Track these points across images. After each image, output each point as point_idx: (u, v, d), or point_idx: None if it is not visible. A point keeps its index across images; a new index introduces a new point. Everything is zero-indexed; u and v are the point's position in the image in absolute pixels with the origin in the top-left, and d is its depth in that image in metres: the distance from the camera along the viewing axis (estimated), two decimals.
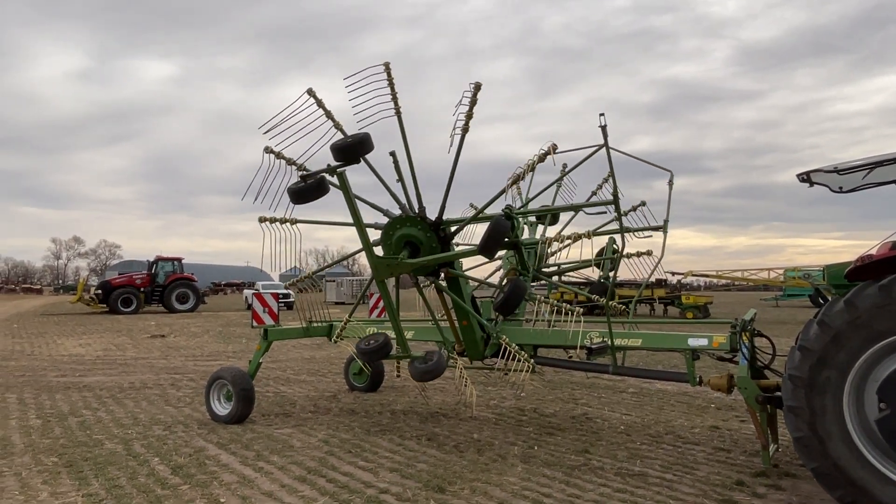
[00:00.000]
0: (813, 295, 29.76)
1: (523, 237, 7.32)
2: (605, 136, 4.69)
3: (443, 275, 5.92)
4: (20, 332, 17.98)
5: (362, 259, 6.09)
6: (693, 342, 5.31)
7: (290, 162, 5.93)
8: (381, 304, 13.30)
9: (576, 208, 6.60)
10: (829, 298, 4.07)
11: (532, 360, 5.69)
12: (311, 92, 5.90)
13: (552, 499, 4.18)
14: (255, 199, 5.64)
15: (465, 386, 5.98)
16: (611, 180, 5.25)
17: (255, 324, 7.57)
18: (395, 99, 5.75)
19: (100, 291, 30.00)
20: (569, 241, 6.11)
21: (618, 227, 5.99)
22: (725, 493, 4.29)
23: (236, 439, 5.73)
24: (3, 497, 4.19)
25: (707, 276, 31.45)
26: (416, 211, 5.82)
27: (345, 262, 7.09)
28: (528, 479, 4.61)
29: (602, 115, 4.57)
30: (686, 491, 4.34)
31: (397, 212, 5.97)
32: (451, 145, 5.45)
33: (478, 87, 5.35)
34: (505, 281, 6.60)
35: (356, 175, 5.57)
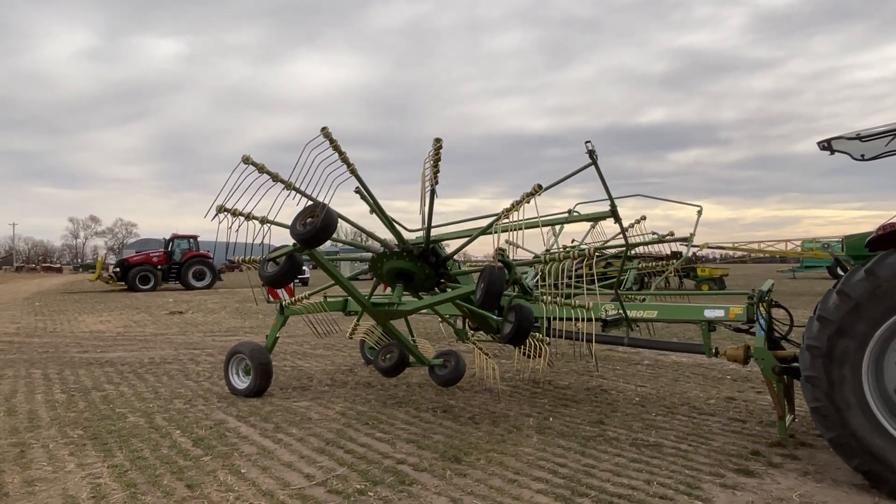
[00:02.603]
0: (831, 266, 29.41)
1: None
2: (594, 160, 4.49)
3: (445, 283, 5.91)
4: (42, 310, 18.33)
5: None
6: (709, 313, 5.28)
7: (248, 217, 5.63)
8: None
9: (576, 220, 6.61)
10: (848, 269, 4.02)
11: (548, 340, 5.70)
12: (246, 159, 5.41)
13: (567, 469, 4.22)
14: (226, 254, 5.51)
15: (487, 362, 6.04)
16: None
17: (271, 299, 7.66)
18: (344, 160, 5.28)
19: (118, 269, 30.42)
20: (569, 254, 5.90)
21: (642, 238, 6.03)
22: (741, 462, 4.30)
23: (255, 412, 5.83)
24: (32, 467, 4.31)
25: (723, 248, 31.13)
26: (399, 247, 5.63)
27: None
28: (544, 449, 4.66)
29: (588, 142, 4.43)
30: (701, 461, 4.36)
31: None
32: (423, 194, 5.12)
33: (439, 143, 5.02)
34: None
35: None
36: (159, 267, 30.50)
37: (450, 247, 6.03)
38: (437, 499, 3.73)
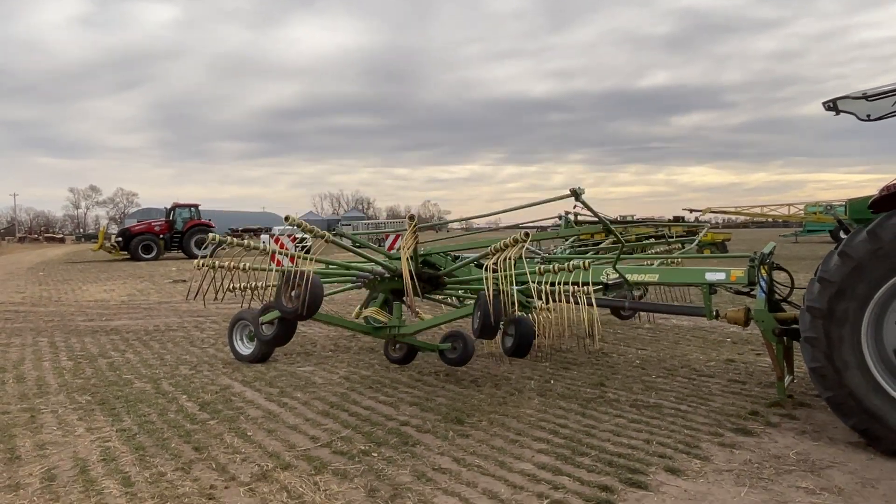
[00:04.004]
0: (834, 230, 29.33)
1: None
2: (579, 199, 4.86)
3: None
4: (46, 280, 18.43)
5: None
6: (710, 276, 5.29)
7: (231, 269, 5.75)
8: (398, 244, 13.49)
9: (570, 234, 6.75)
10: (851, 232, 4.00)
11: (552, 307, 5.73)
12: (205, 266, 5.65)
13: (568, 429, 4.29)
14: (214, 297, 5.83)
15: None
16: None
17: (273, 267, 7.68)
18: (317, 235, 5.22)
19: (120, 239, 30.48)
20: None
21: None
22: (739, 422, 4.36)
23: (260, 377, 5.91)
24: (42, 432, 4.39)
25: (726, 212, 30.99)
26: (390, 273, 5.71)
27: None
28: (545, 411, 4.72)
29: (574, 187, 4.82)
30: (700, 421, 4.42)
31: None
32: (405, 260, 5.24)
33: (414, 222, 5.21)
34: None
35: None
36: (161, 236, 30.53)
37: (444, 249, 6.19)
38: (440, 459, 3.80)
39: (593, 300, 5.02)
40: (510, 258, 4.39)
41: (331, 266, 6.25)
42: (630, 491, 3.32)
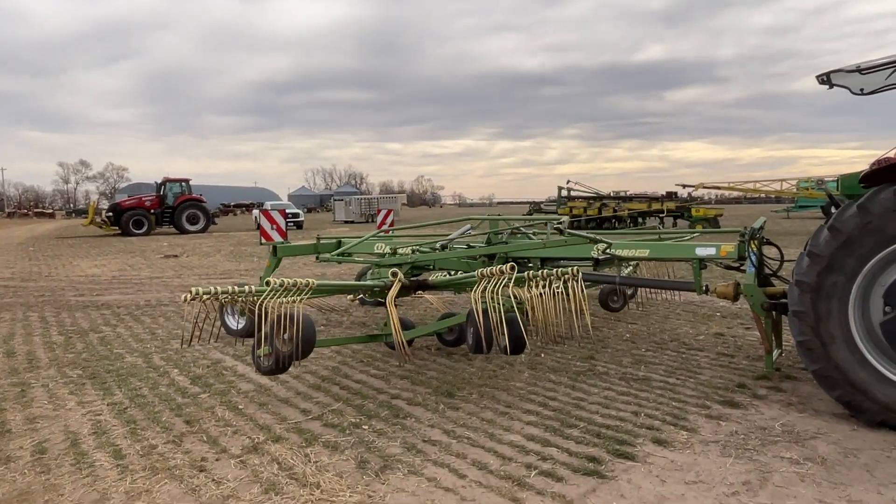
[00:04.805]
0: (825, 206, 29.46)
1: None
2: (562, 233, 5.41)
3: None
4: (37, 255, 18.30)
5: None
6: (701, 251, 5.30)
7: (217, 297, 5.69)
8: (389, 219, 13.44)
9: (554, 248, 6.88)
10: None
11: (542, 286, 5.76)
12: (192, 299, 5.33)
13: (557, 402, 4.33)
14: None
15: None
16: None
17: (263, 241, 7.65)
18: (301, 288, 4.90)
19: (111, 214, 30.27)
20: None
21: None
22: (727, 394, 4.42)
23: (251, 352, 5.90)
24: (33, 406, 4.39)
25: (719, 188, 30.97)
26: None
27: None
28: (535, 384, 4.76)
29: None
30: (689, 393, 4.47)
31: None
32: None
33: (396, 276, 5.29)
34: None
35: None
36: (152, 211, 30.34)
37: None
38: (430, 431, 3.83)
39: (581, 285, 5.01)
40: (497, 290, 4.32)
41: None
42: (618, 462, 3.36)
